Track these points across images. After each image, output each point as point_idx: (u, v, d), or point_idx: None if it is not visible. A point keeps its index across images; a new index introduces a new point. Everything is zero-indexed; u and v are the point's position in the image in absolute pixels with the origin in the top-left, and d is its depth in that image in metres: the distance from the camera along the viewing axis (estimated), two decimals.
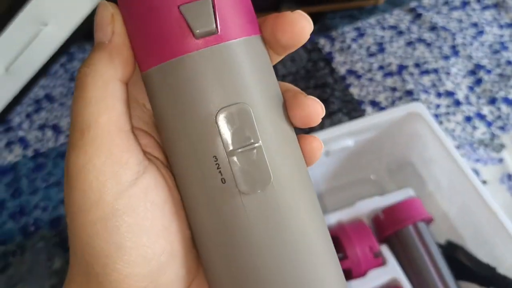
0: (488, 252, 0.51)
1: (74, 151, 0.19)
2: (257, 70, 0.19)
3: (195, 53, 0.18)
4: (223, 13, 0.18)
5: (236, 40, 0.19)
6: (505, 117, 0.69)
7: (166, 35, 0.18)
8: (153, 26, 0.18)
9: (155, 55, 0.19)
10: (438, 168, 0.56)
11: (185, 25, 0.18)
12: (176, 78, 0.18)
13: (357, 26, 0.82)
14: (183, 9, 0.18)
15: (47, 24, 0.64)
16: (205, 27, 0.18)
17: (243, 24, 0.19)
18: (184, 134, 0.19)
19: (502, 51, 0.76)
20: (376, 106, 0.71)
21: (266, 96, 0.19)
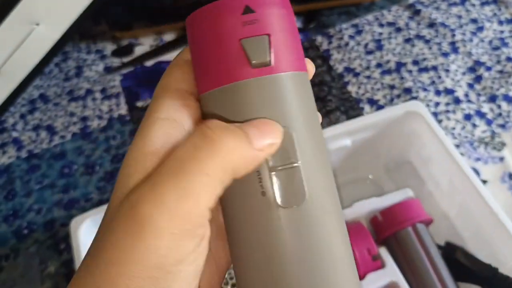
0: (489, 253, 0.50)
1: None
2: (301, 100, 0.22)
3: (250, 80, 0.21)
4: (277, 49, 0.22)
5: (285, 73, 0.22)
6: (505, 114, 0.68)
7: (227, 63, 0.21)
8: (217, 54, 0.22)
9: (216, 79, 0.22)
10: (437, 168, 0.55)
11: (244, 55, 0.21)
12: (231, 100, 0.21)
13: (355, 23, 0.81)
14: (244, 42, 0.21)
15: (39, 24, 0.63)
16: (260, 58, 0.21)
17: (293, 60, 0.22)
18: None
19: (502, 47, 0.75)
20: (374, 104, 0.70)
21: (307, 124, 0.22)
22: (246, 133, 0.20)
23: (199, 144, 0.19)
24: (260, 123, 0.21)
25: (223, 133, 0.20)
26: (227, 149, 0.19)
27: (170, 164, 0.19)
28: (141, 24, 0.84)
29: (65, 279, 0.58)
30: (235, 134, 0.20)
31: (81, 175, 0.67)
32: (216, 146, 0.19)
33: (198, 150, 0.19)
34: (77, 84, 0.79)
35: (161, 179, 0.19)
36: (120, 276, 0.18)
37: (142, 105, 0.74)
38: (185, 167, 0.19)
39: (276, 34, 0.22)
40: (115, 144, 0.70)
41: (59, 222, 0.62)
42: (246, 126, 0.21)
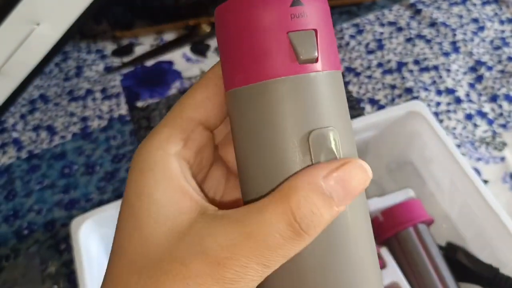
0: (490, 253, 0.50)
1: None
2: (342, 100, 0.22)
3: (296, 76, 0.20)
4: (321, 46, 0.21)
5: (329, 71, 0.21)
6: (507, 114, 0.67)
7: (272, 56, 0.20)
8: (260, 46, 0.20)
9: (257, 73, 0.20)
10: (438, 168, 0.55)
11: (292, 50, 0.20)
12: (275, 95, 0.20)
13: (356, 22, 0.81)
14: (292, 36, 0.20)
15: (39, 24, 0.63)
16: (308, 54, 0.20)
17: (334, 58, 0.22)
18: (273, 150, 0.21)
19: (503, 47, 0.75)
20: (375, 104, 0.70)
21: (347, 124, 0.22)
22: (331, 199, 0.19)
23: (287, 236, 0.19)
24: (349, 176, 0.19)
25: (312, 230, 0.19)
26: (314, 237, 0.19)
27: (257, 244, 0.19)
28: (141, 24, 0.84)
29: (66, 279, 0.57)
30: (322, 222, 0.19)
31: (82, 175, 0.67)
32: (305, 239, 0.19)
33: (286, 241, 0.19)
34: (77, 84, 0.78)
35: (246, 255, 0.19)
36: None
37: (142, 105, 0.74)
38: (273, 252, 0.19)
39: (321, 30, 0.21)
40: (115, 144, 0.70)
41: (60, 223, 0.62)
42: (332, 187, 0.19)
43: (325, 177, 0.19)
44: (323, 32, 0.21)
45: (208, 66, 0.78)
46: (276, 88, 0.20)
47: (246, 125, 0.21)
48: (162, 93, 0.75)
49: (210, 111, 0.23)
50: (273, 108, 0.20)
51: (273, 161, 0.21)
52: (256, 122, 0.21)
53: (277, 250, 0.19)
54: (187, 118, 0.22)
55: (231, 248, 0.19)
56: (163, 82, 0.77)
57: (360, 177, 0.20)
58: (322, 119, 0.21)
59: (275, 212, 0.19)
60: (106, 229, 0.51)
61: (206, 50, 0.80)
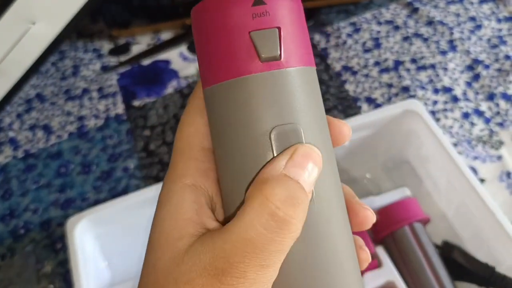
0: (486, 252, 0.50)
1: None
2: (310, 96, 0.22)
3: (259, 74, 0.21)
4: (286, 43, 0.21)
5: (294, 68, 0.21)
6: (503, 113, 0.67)
7: (235, 56, 0.21)
8: (224, 46, 0.21)
9: (222, 72, 0.21)
10: (435, 166, 0.55)
11: (253, 49, 0.21)
12: (238, 94, 0.21)
13: (353, 21, 0.81)
14: (253, 35, 0.21)
15: (35, 23, 0.63)
16: (270, 52, 0.21)
17: (302, 55, 0.22)
18: (239, 145, 0.21)
19: (500, 45, 0.75)
20: (372, 102, 0.70)
21: (315, 120, 0.22)
22: (299, 184, 0.20)
23: (272, 227, 0.19)
24: (303, 159, 0.20)
25: (292, 211, 0.19)
26: (300, 222, 0.20)
27: (245, 244, 0.19)
28: (138, 23, 0.84)
29: (62, 278, 0.57)
30: (301, 202, 0.20)
31: (78, 174, 0.67)
32: (291, 225, 0.19)
33: (274, 233, 0.19)
34: (74, 83, 0.78)
35: (242, 260, 0.19)
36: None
37: (139, 104, 0.74)
38: (264, 248, 0.19)
39: (286, 28, 0.21)
40: (111, 144, 0.69)
41: (56, 222, 0.62)
42: (295, 172, 0.20)
43: (285, 167, 0.20)
44: (289, 29, 0.21)
45: None
46: (241, 86, 0.21)
47: (216, 122, 0.22)
48: (159, 92, 0.75)
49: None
50: (238, 105, 0.21)
51: (241, 157, 0.21)
52: (224, 119, 0.21)
53: (267, 246, 0.19)
54: (201, 149, 0.23)
55: (226, 258, 0.19)
56: (160, 81, 0.77)
57: (314, 157, 0.21)
58: (284, 116, 0.21)
59: (253, 209, 0.19)
60: (101, 229, 0.51)
61: None
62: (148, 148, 0.68)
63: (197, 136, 0.23)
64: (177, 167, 0.22)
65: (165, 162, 0.66)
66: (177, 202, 0.21)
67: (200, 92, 0.23)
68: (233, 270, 0.19)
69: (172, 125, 0.70)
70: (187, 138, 0.23)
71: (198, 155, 0.22)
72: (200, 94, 0.23)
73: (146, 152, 0.68)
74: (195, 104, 0.23)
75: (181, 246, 0.20)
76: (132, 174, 0.66)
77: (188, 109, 0.23)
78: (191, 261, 0.20)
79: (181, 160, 0.22)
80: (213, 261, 0.19)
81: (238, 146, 0.21)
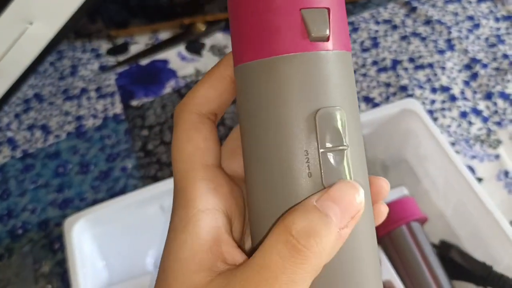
0: (484, 251, 0.50)
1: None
2: (351, 81, 0.21)
3: (306, 53, 0.20)
4: (333, 26, 0.21)
5: (340, 51, 0.21)
6: (501, 112, 0.67)
7: (283, 32, 0.20)
8: (272, 21, 0.20)
9: (266, 48, 0.20)
10: (433, 166, 0.55)
11: (303, 27, 0.20)
12: (284, 71, 0.20)
13: (351, 20, 0.81)
14: (305, 13, 0.20)
15: (33, 22, 0.63)
16: (320, 32, 0.20)
17: (344, 39, 0.21)
18: (278, 126, 0.20)
19: (498, 44, 0.75)
20: (370, 102, 0.70)
21: (354, 105, 0.21)
22: (328, 217, 0.19)
23: (285, 255, 0.18)
24: (340, 194, 0.19)
25: (306, 241, 0.18)
26: (317, 256, 0.18)
27: (259, 272, 0.18)
28: (136, 23, 0.84)
29: (60, 278, 0.57)
30: (320, 235, 0.18)
31: (76, 174, 0.67)
32: (304, 257, 0.18)
33: (286, 261, 0.18)
34: (72, 83, 0.78)
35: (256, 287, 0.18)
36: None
37: (137, 104, 0.74)
38: (278, 277, 0.18)
39: (334, 9, 0.21)
40: (110, 143, 0.69)
41: (54, 222, 0.62)
42: (326, 205, 0.19)
43: (317, 199, 0.19)
44: (336, 12, 0.21)
45: (203, 65, 0.78)
46: (285, 64, 0.20)
47: (253, 101, 0.21)
48: (157, 92, 0.75)
49: (217, 147, 0.23)
50: (280, 84, 0.20)
51: (278, 138, 0.20)
52: (262, 98, 0.21)
53: (280, 274, 0.18)
54: (205, 167, 0.22)
55: (243, 287, 0.18)
56: (158, 81, 0.77)
57: (352, 194, 0.19)
58: (330, 98, 0.20)
59: (272, 236, 0.19)
60: (99, 228, 0.51)
61: (201, 49, 0.80)
62: (146, 148, 0.68)
63: (198, 153, 0.22)
64: (186, 192, 0.21)
65: (163, 162, 0.66)
66: (193, 231, 0.20)
67: (195, 106, 0.22)
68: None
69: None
70: (188, 158, 0.22)
71: (204, 175, 0.21)
72: (193, 109, 0.22)
73: (144, 152, 0.68)
74: (188, 120, 0.22)
75: (199, 280, 0.19)
76: (130, 174, 0.66)
77: (181, 127, 0.22)
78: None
79: (188, 184, 0.21)
80: (208, 270, 0.19)
81: (278, 124, 0.20)
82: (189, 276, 0.20)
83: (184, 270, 0.20)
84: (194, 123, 0.22)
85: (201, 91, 0.23)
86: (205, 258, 0.20)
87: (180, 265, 0.20)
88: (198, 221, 0.20)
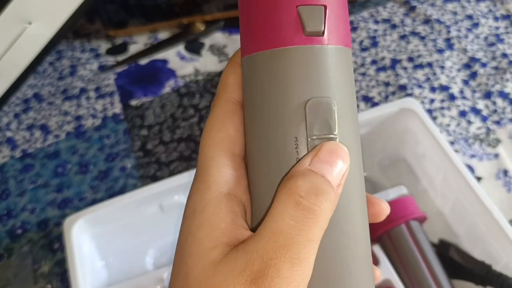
0: (483, 250, 0.50)
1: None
2: (345, 74, 0.23)
3: (301, 47, 0.22)
4: (330, 22, 0.22)
5: (336, 46, 0.22)
6: (500, 111, 0.67)
7: (281, 26, 0.22)
8: (272, 17, 0.22)
9: (266, 41, 0.22)
10: (432, 165, 0.55)
11: (299, 22, 0.21)
12: (280, 63, 0.22)
13: (350, 20, 0.81)
14: (301, 9, 0.22)
15: (31, 22, 0.63)
16: (315, 27, 0.22)
17: (342, 35, 0.23)
18: (273, 113, 0.22)
19: (497, 43, 0.75)
20: (369, 101, 0.70)
21: (347, 98, 0.22)
22: (324, 177, 0.20)
23: (299, 217, 0.19)
24: (330, 155, 0.21)
25: (315, 199, 0.20)
26: (326, 213, 0.20)
27: (275, 237, 0.19)
28: (135, 22, 0.84)
29: (59, 278, 0.57)
30: (325, 192, 0.20)
31: (75, 174, 0.67)
32: (316, 214, 0.20)
33: (300, 223, 0.19)
34: (71, 83, 0.78)
35: (273, 254, 0.19)
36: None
37: (136, 104, 0.74)
38: (294, 239, 0.19)
39: (331, 7, 0.22)
40: (109, 143, 0.69)
41: (53, 222, 0.62)
42: (320, 166, 0.20)
43: (310, 163, 0.21)
44: (334, 9, 0.22)
45: (202, 64, 0.78)
46: (282, 56, 0.22)
47: (253, 89, 0.23)
48: (156, 91, 0.75)
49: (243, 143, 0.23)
50: (277, 74, 0.22)
51: (272, 124, 0.22)
52: (260, 87, 0.22)
53: (297, 236, 0.19)
54: (232, 155, 0.22)
55: (259, 257, 0.19)
56: (157, 81, 0.77)
57: (340, 153, 0.21)
58: (321, 89, 0.22)
59: (280, 203, 0.20)
60: (99, 228, 0.51)
61: (200, 48, 0.80)
62: (145, 147, 0.68)
63: (228, 141, 0.22)
64: (209, 174, 0.22)
65: (162, 161, 0.66)
66: (214, 211, 0.21)
67: (229, 94, 0.23)
68: (268, 269, 0.19)
69: (169, 124, 0.70)
70: (218, 144, 0.22)
71: (230, 161, 0.22)
72: (228, 97, 0.23)
73: (143, 152, 0.68)
74: (223, 108, 0.23)
75: (215, 255, 0.20)
76: (129, 174, 0.66)
77: (216, 113, 0.23)
78: (225, 269, 0.19)
79: (213, 166, 0.22)
80: (247, 265, 0.19)
81: (273, 112, 0.22)
82: (206, 252, 0.20)
83: (201, 248, 0.20)
84: (228, 112, 0.23)
85: (231, 78, 0.24)
86: (221, 237, 0.20)
87: (197, 244, 0.20)
88: (219, 203, 0.21)
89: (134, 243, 0.55)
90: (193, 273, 0.20)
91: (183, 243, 0.21)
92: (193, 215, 0.21)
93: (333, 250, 0.21)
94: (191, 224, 0.21)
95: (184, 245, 0.21)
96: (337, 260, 0.21)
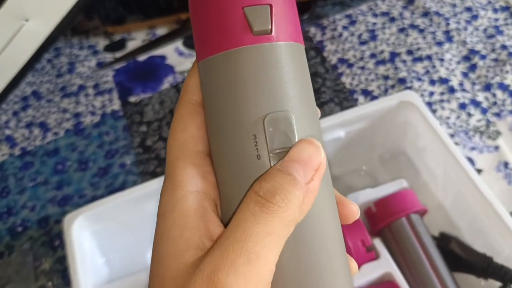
0: (484, 242, 0.50)
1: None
2: (299, 69, 0.23)
3: (251, 46, 0.22)
4: (277, 19, 0.22)
5: (284, 42, 0.22)
6: (500, 103, 0.67)
7: (228, 29, 0.22)
8: (219, 20, 0.22)
9: (217, 45, 0.22)
10: (432, 158, 0.55)
11: (246, 23, 0.22)
12: (232, 65, 0.22)
13: (349, 13, 0.81)
14: (247, 10, 0.22)
15: (29, 20, 0.63)
16: (262, 26, 0.22)
17: (291, 31, 0.23)
18: (231, 124, 0.22)
19: (497, 35, 0.75)
20: (368, 95, 0.70)
21: (304, 104, 0.23)
22: (291, 175, 0.20)
23: (257, 211, 0.20)
24: (299, 153, 0.21)
25: (274, 198, 0.20)
26: (284, 209, 0.20)
27: (234, 231, 0.20)
28: (133, 19, 0.83)
29: (60, 275, 0.57)
30: (284, 190, 0.20)
31: (75, 171, 0.67)
32: (272, 209, 0.20)
33: (258, 216, 0.20)
34: (70, 80, 0.78)
35: (230, 247, 0.19)
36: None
37: (135, 100, 0.74)
38: (251, 231, 0.19)
39: (277, 5, 0.23)
40: (108, 140, 0.69)
41: (53, 219, 0.62)
42: (288, 165, 0.21)
43: (280, 164, 0.21)
44: (279, 7, 0.23)
45: None
46: (234, 57, 0.22)
47: (211, 94, 0.23)
48: (155, 88, 0.75)
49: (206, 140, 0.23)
50: (230, 79, 0.22)
51: (231, 135, 0.22)
52: (217, 93, 0.22)
53: (253, 229, 0.19)
54: (196, 153, 0.23)
55: (219, 255, 0.19)
56: (156, 77, 0.76)
57: (310, 149, 0.21)
58: (277, 99, 0.22)
59: (244, 204, 0.20)
60: (99, 225, 0.51)
61: None
62: (145, 144, 0.68)
63: (191, 141, 0.23)
64: (175, 175, 0.22)
65: (162, 157, 0.66)
66: (181, 210, 0.21)
67: (189, 96, 0.23)
68: (223, 264, 0.19)
69: (169, 120, 0.70)
70: (182, 145, 0.23)
71: (194, 160, 0.22)
72: (188, 98, 0.23)
73: (142, 148, 0.68)
74: (184, 109, 0.23)
75: (188, 258, 0.20)
76: (129, 170, 0.66)
77: (178, 115, 0.23)
78: (197, 274, 0.19)
79: (178, 167, 0.22)
80: (209, 262, 0.19)
81: (230, 116, 0.22)
82: (180, 254, 0.20)
83: (175, 249, 0.21)
84: (189, 112, 0.23)
85: (191, 81, 0.24)
86: (192, 237, 0.21)
87: (171, 244, 0.21)
88: (187, 201, 0.21)
89: (135, 239, 0.55)
90: (168, 275, 0.20)
91: (159, 243, 0.21)
92: (164, 215, 0.22)
93: (302, 249, 0.21)
94: (164, 225, 0.21)
95: (160, 245, 0.21)
96: (306, 259, 0.21)
